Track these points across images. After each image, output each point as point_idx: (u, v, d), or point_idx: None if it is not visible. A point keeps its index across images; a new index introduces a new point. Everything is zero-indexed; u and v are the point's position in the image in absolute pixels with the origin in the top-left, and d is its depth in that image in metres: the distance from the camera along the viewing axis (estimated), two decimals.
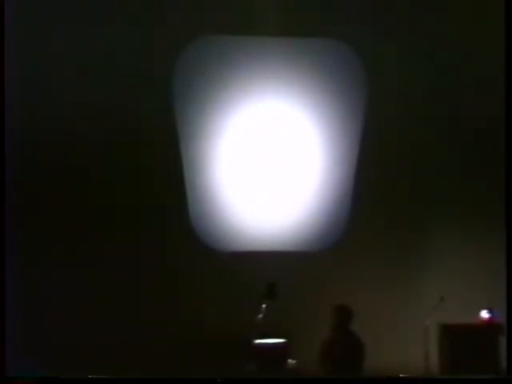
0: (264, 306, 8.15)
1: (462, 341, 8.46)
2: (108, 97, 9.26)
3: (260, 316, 8.09)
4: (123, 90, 9.25)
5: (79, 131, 9.25)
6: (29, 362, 8.34)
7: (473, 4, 9.42)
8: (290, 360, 8.01)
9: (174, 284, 9.20)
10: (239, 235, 9.47)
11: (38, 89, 9.19)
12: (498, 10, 8.81)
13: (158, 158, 9.32)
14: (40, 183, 9.15)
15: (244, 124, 9.56)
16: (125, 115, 9.26)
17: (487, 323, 8.63)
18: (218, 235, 9.46)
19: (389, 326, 9.13)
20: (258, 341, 8.00)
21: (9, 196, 8.56)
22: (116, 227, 9.21)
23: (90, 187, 9.24)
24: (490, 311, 8.64)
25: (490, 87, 9.24)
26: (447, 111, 9.59)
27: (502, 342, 8.46)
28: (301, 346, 8.11)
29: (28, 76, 9.14)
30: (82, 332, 8.93)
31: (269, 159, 9.58)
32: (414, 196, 9.59)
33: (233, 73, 9.51)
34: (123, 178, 9.26)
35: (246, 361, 7.90)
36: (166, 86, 9.36)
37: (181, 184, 9.42)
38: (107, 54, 9.29)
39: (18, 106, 8.97)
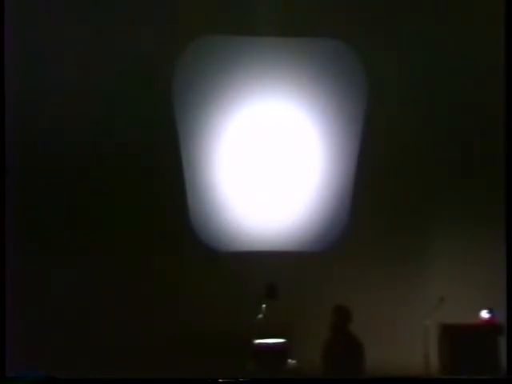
0: (264, 306, 8.15)
1: (462, 341, 8.44)
2: (108, 97, 9.26)
3: (260, 316, 8.09)
4: (123, 89, 9.25)
5: (79, 131, 9.25)
6: (29, 361, 8.33)
7: (473, 4, 9.41)
8: (289, 360, 8.01)
9: (174, 284, 9.20)
10: (239, 235, 9.47)
11: (38, 88, 9.19)
12: (499, 9, 8.83)
13: (158, 158, 9.32)
14: (40, 183, 9.16)
15: (244, 124, 9.56)
16: (125, 115, 9.26)
17: (487, 323, 8.62)
18: (218, 235, 9.46)
19: (389, 326, 9.12)
20: (257, 341, 8.00)
21: (9, 196, 8.56)
22: (116, 227, 9.21)
23: (90, 187, 9.24)
24: (490, 311, 8.63)
25: (490, 87, 9.23)
26: (447, 111, 9.59)
27: (502, 341, 8.45)
28: (301, 346, 8.10)
29: (28, 76, 9.15)
30: (82, 332, 8.93)
31: (269, 159, 9.58)
32: (414, 196, 9.59)
33: (232, 73, 9.51)
34: (123, 178, 9.26)
35: (246, 361, 7.90)
36: (165, 86, 9.36)
37: (181, 184, 9.42)
38: (107, 54, 9.29)
39: (19, 106, 8.98)
